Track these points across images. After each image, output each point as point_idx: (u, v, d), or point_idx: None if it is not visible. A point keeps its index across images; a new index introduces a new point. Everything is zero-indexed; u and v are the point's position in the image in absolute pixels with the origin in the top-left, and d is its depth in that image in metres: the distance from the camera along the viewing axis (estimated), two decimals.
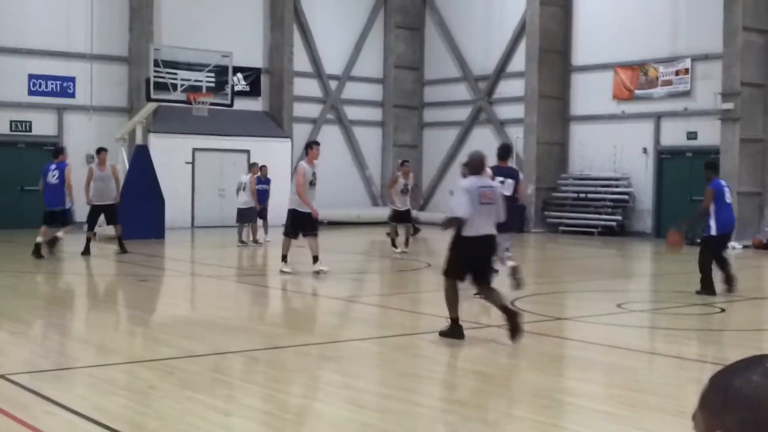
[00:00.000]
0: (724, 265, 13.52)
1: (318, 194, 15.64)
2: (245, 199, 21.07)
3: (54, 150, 19.05)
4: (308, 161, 15.06)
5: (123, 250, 18.10)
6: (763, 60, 22.94)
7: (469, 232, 9.13)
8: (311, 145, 15.55)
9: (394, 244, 19.26)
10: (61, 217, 17.51)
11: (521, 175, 13.42)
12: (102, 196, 18.28)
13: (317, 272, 14.84)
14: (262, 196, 21.25)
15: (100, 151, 18.87)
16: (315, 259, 15.01)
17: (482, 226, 9.19)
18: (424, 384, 7.74)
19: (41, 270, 16.02)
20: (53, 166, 17.75)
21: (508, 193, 11.97)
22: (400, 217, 19.45)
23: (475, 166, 9.46)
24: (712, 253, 13.37)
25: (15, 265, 16.77)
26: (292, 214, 15.05)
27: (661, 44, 25.08)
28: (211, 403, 6.84)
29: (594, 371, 8.40)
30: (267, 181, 21.57)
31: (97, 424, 6.03)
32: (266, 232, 21.40)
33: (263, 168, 21.68)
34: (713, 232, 13.27)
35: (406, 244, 19.23)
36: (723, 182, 13.69)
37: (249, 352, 9.02)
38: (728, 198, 13.45)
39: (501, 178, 12.12)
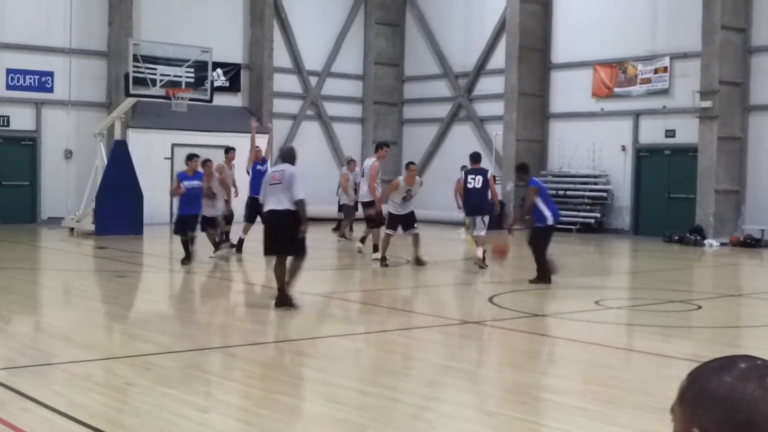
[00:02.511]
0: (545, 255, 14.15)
1: None
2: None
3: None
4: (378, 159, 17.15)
5: (236, 247, 17.40)
6: (741, 58, 23.10)
7: (264, 208, 11.08)
8: (382, 146, 17.52)
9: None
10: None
11: (489, 173, 15.98)
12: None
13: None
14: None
15: (229, 150, 18.33)
16: (375, 247, 16.63)
17: (271, 202, 10.91)
18: (401, 380, 7.74)
19: (19, 265, 15.92)
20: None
21: (478, 186, 15.59)
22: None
23: (283, 155, 11.47)
24: (547, 241, 13.95)
25: None
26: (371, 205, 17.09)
27: (641, 42, 25.19)
28: (189, 399, 6.82)
29: (571, 368, 8.44)
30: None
31: (74, 421, 6.00)
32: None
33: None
34: (549, 222, 13.84)
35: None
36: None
37: (227, 348, 9.01)
38: (547, 192, 14.48)
39: (472, 176, 15.60)
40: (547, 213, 13.75)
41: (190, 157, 16.35)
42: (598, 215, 25.87)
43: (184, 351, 8.82)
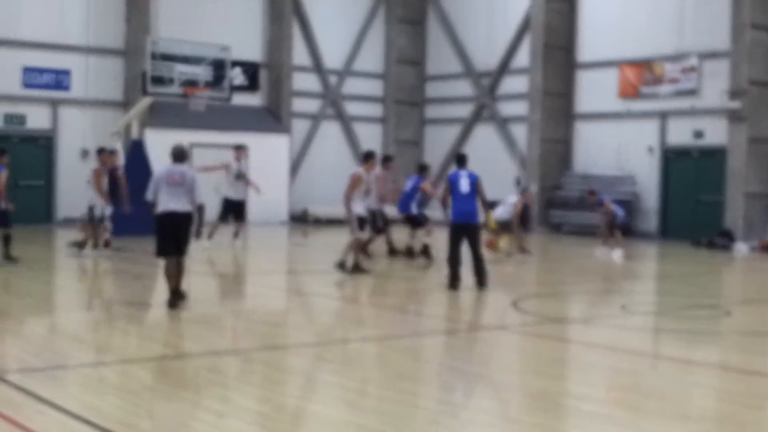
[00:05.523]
0: (472, 257, 13.27)
1: (317, 191, 15.97)
2: None
3: None
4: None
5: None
6: None
7: (157, 210, 10.90)
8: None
9: None
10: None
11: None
12: None
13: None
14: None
15: (369, 157, 17.09)
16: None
17: (169, 203, 10.84)
18: (421, 386, 7.63)
19: (34, 267, 15.84)
20: None
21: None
22: None
23: (176, 156, 11.22)
24: (451, 240, 13.26)
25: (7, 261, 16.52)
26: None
27: (668, 41, 24.85)
28: (205, 403, 6.78)
29: (595, 374, 8.27)
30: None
31: (89, 424, 5.96)
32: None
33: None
34: (451, 219, 13.27)
35: None
36: (463, 172, 13.40)
37: (244, 352, 8.87)
38: (464, 189, 13.20)
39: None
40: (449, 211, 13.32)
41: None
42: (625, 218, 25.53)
43: (200, 354, 8.68)
